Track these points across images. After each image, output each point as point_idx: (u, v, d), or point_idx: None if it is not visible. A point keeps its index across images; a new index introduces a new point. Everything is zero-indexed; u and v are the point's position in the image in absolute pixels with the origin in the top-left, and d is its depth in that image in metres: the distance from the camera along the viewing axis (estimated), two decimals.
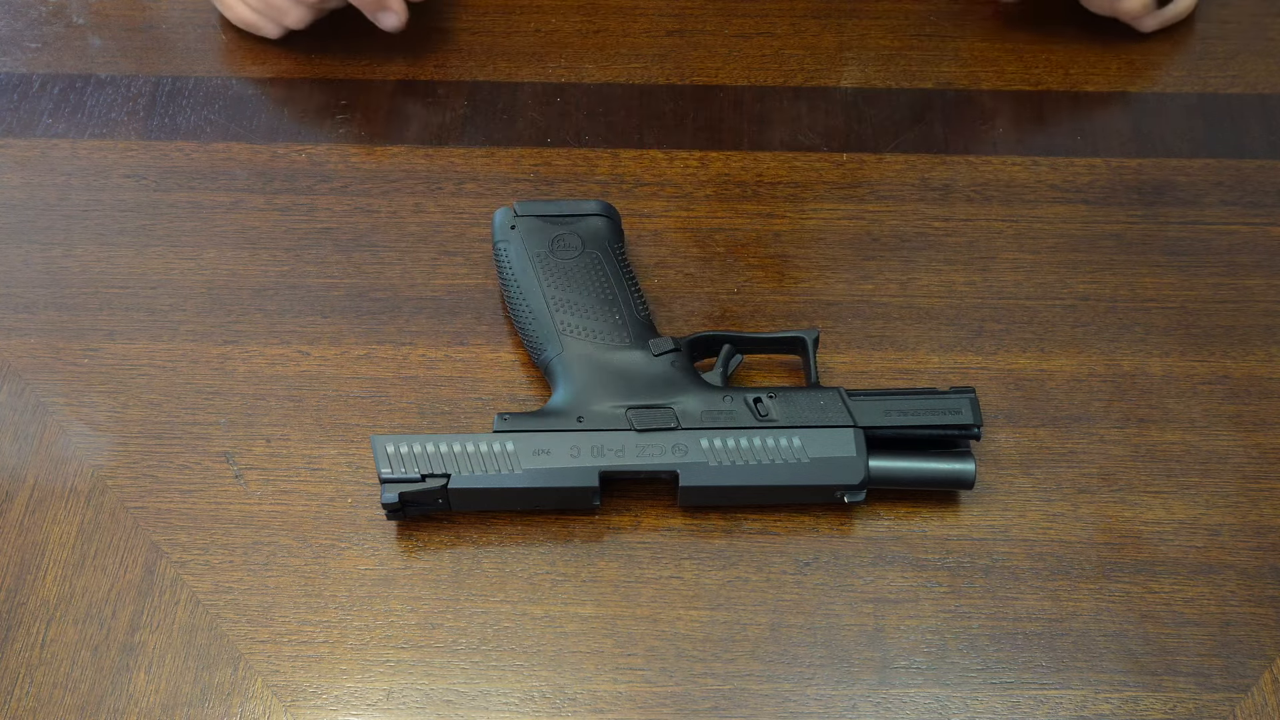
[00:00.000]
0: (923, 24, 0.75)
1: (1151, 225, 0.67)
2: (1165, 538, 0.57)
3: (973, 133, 0.70)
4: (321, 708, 0.53)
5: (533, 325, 0.59)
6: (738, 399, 0.57)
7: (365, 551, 0.57)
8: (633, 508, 0.58)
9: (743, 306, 0.64)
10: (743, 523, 0.57)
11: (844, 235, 0.66)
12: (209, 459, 0.59)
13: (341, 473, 0.59)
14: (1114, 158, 0.69)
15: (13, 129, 0.70)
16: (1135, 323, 0.63)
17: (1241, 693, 0.53)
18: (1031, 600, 0.56)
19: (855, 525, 0.57)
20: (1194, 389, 0.61)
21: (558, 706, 0.53)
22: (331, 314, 0.63)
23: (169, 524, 0.57)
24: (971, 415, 0.56)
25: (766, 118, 0.70)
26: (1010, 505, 0.58)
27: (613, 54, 0.73)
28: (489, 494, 0.55)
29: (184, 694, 0.53)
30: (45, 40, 0.74)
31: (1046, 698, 0.53)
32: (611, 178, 0.68)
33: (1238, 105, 0.71)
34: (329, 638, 0.55)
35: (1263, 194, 0.68)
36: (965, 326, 0.63)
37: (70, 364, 0.62)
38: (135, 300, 0.64)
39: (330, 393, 0.61)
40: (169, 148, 0.69)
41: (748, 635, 0.55)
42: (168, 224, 0.66)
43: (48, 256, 0.65)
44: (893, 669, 0.54)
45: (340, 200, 0.67)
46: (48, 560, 0.56)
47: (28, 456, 0.59)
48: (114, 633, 0.55)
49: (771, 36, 0.74)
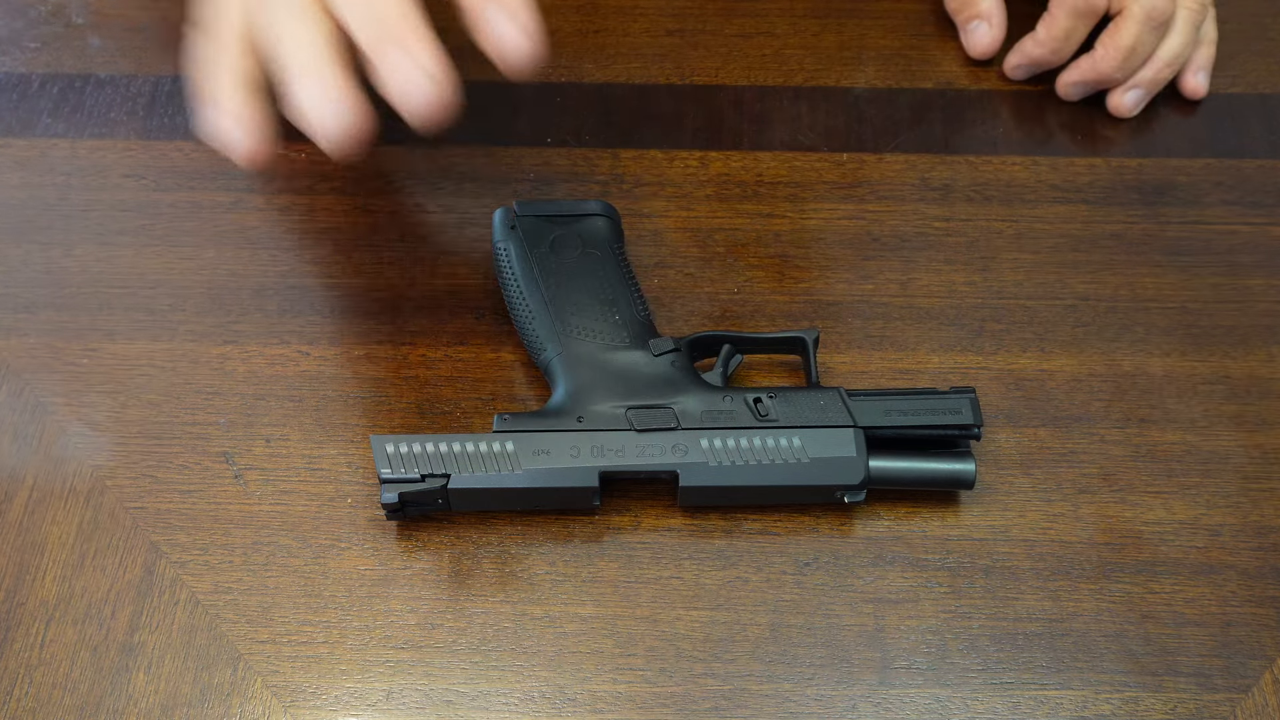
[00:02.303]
0: (923, 24, 0.75)
1: (1152, 225, 0.67)
2: (1166, 538, 0.57)
3: (973, 133, 0.70)
4: (321, 708, 0.53)
5: (533, 325, 0.59)
6: (738, 399, 0.57)
7: (365, 551, 0.57)
8: (633, 508, 0.58)
9: (743, 306, 0.63)
10: (743, 523, 0.57)
11: (844, 235, 0.66)
12: (208, 459, 0.59)
13: (341, 473, 0.59)
14: (1114, 158, 0.69)
15: (12, 129, 0.70)
16: (1135, 323, 0.63)
17: (1242, 693, 0.53)
18: (1032, 600, 0.56)
19: (855, 525, 0.57)
20: (1194, 389, 0.61)
21: (558, 707, 0.53)
22: (331, 314, 0.63)
23: (168, 524, 0.57)
24: (972, 415, 0.56)
25: (766, 118, 0.70)
26: (1010, 505, 0.58)
27: (613, 54, 0.73)
28: (489, 494, 0.55)
29: (183, 694, 0.53)
30: (45, 40, 0.74)
31: (1047, 698, 0.53)
32: (611, 178, 0.68)
33: (1238, 105, 0.71)
34: (329, 638, 0.55)
35: (1263, 194, 0.68)
36: (965, 326, 0.63)
37: (70, 364, 0.62)
38: (135, 300, 0.64)
39: (330, 393, 0.61)
40: (169, 147, 0.69)
41: (748, 635, 0.55)
42: (167, 224, 0.66)
43: (47, 256, 0.65)
44: (893, 669, 0.54)
45: (340, 200, 0.67)
46: (47, 560, 0.56)
47: (27, 456, 0.59)
48: (113, 633, 0.55)
49: (771, 36, 0.74)
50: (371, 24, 0.51)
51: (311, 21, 0.51)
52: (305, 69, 0.51)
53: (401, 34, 0.50)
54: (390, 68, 0.50)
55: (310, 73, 0.51)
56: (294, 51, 0.51)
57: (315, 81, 0.51)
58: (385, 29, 0.50)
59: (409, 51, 0.50)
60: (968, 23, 0.72)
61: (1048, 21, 0.69)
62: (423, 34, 0.50)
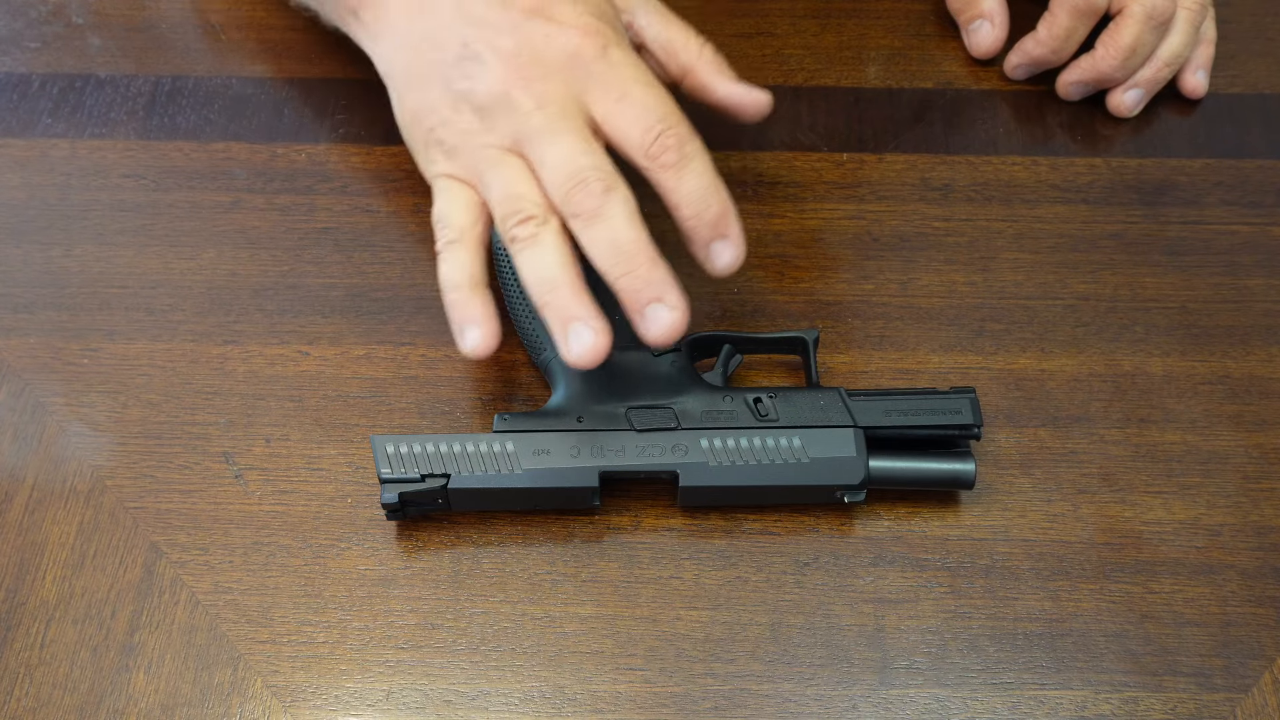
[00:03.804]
0: (923, 23, 0.75)
1: (1152, 225, 0.67)
2: (1166, 538, 0.57)
3: (973, 133, 0.70)
4: (321, 708, 0.53)
5: (533, 325, 0.59)
6: (738, 399, 0.57)
7: (365, 551, 0.57)
8: (633, 508, 0.58)
9: (743, 306, 0.63)
10: (743, 523, 0.57)
11: (844, 235, 0.66)
12: (208, 459, 0.59)
13: (341, 473, 0.59)
14: (1114, 158, 0.69)
15: (12, 129, 0.70)
16: (1135, 323, 0.63)
17: (1242, 693, 0.53)
18: (1032, 600, 0.56)
19: (855, 525, 0.57)
20: (1194, 389, 0.61)
21: (558, 707, 0.53)
22: (331, 314, 0.63)
23: (168, 524, 0.57)
24: (971, 415, 0.56)
25: (766, 117, 0.70)
26: (1010, 505, 0.58)
27: None
28: (489, 494, 0.55)
29: (183, 694, 0.53)
30: (45, 40, 0.74)
31: (1047, 698, 0.53)
32: None
33: (1238, 105, 0.71)
34: (329, 638, 0.55)
35: (1263, 194, 0.68)
36: (965, 326, 0.63)
37: (70, 364, 0.62)
38: (135, 300, 0.64)
39: (330, 393, 0.61)
40: (168, 147, 0.69)
41: (748, 635, 0.55)
42: (167, 224, 0.66)
43: (47, 256, 0.65)
44: (893, 669, 0.54)
45: (340, 200, 0.67)
46: (47, 560, 0.56)
47: (27, 457, 0.59)
48: (113, 633, 0.55)
49: (771, 36, 0.74)
50: (620, 258, 0.53)
51: (554, 243, 0.54)
52: (566, 315, 0.53)
53: (653, 283, 0.53)
54: (649, 322, 0.53)
55: (573, 320, 0.53)
56: (546, 292, 0.54)
57: (584, 329, 0.53)
58: (639, 275, 0.53)
59: (665, 302, 0.53)
60: (970, 22, 0.72)
61: (1049, 21, 0.69)
62: (669, 279, 0.54)
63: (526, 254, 0.54)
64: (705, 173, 0.55)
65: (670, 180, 0.55)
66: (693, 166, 0.55)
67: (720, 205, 0.55)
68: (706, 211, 0.55)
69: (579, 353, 0.52)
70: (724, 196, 0.55)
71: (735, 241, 0.56)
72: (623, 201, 0.54)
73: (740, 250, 0.56)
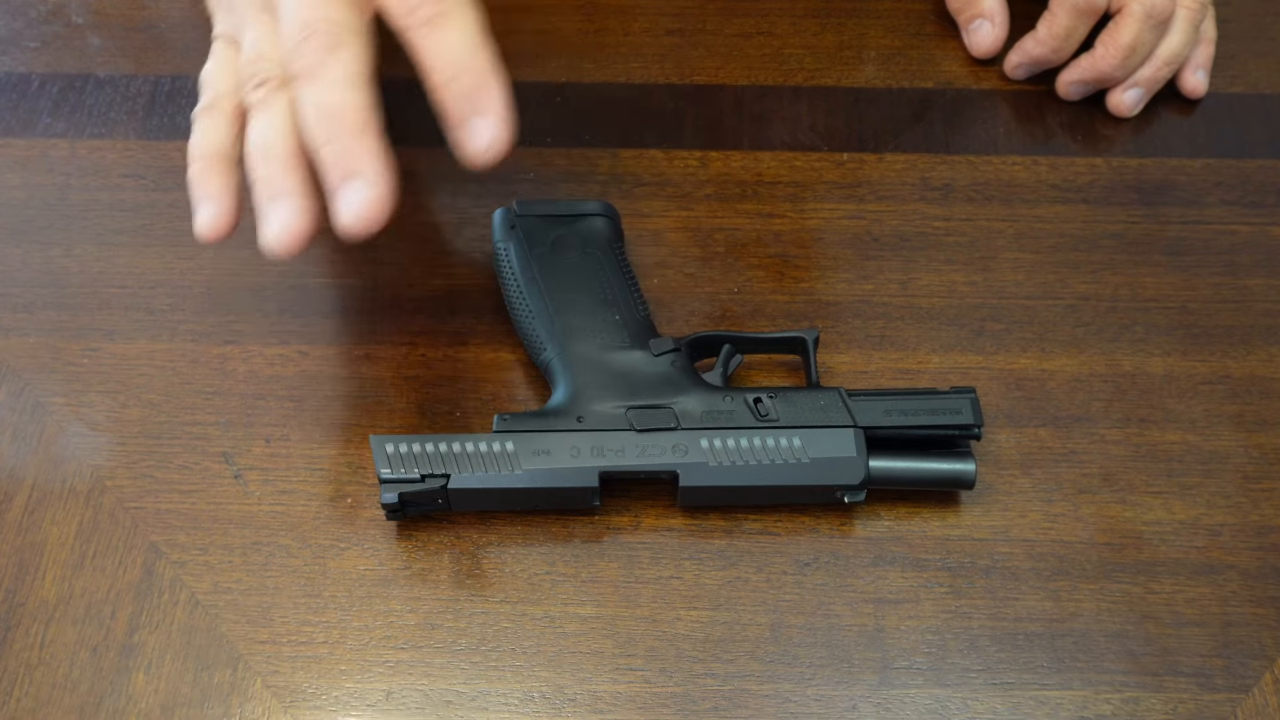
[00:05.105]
0: (923, 23, 0.75)
1: (1152, 225, 0.67)
2: (1166, 538, 0.57)
3: (973, 132, 0.70)
4: (321, 708, 0.53)
5: (533, 325, 0.59)
6: (738, 399, 0.57)
7: (365, 552, 0.57)
8: (633, 508, 0.58)
9: (743, 306, 0.63)
10: (743, 523, 0.57)
11: (844, 235, 0.66)
12: (208, 459, 0.59)
13: (341, 473, 0.58)
14: (1114, 158, 0.69)
15: (12, 129, 0.70)
16: (1135, 323, 0.63)
17: (1243, 693, 0.53)
18: (1032, 600, 0.55)
19: (855, 525, 0.57)
20: (1194, 389, 0.61)
21: (557, 707, 0.53)
22: (331, 314, 0.63)
23: (168, 524, 0.57)
24: (972, 415, 0.56)
25: (766, 117, 0.70)
26: (1010, 505, 0.58)
27: (612, 54, 0.73)
28: (489, 494, 0.55)
29: (183, 694, 0.53)
30: (44, 40, 0.73)
31: (1047, 698, 0.53)
32: (611, 178, 0.68)
33: (1238, 105, 0.71)
34: (329, 638, 0.55)
35: (1263, 194, 0.68)
36: (965, 326, 0.63)
37: (69, 364, 0.62)
38: (134, 300, 0.64)
39: (330, 393, 0.61)
40: (168, 148, 0.69)
41: (748, 635, 0.55)
42: (167, 224, 0.66)
43: (47, 256, 0.65)
44: (893, 669, 0.54)
45: None
46: (46, 560, 0.56)
47: (27, 457, 0.59)
48: (113, 633, 0.55)
49: (771, 36, 0.74)
50: (324, 124, 0.46)
51: (278, 108, 0.48)
52: (272, 190, 0.47)
53: (353, 154, 0.47)
54: (340, 202, 0.47)
55: (278, 196, 0.47)
56: (260, 159, 0.48)
57: (285, 207, 0.47)
58: (340, 145, 0.47)
59: (363, 176, 0.47)
60: (970, 22, 0.72)
61: (1049, 20, 0.69)
62: (375, 150, 0.47)
63: (254, 121, 0.47)
64: (466, 31, 0.46)
65: (421, 38, 0.46)
66: (451, 22, 0.46)
67: (479, 71, 0.46)
68: (462, 76, 0.46)
69: (275, 232, 0.45)
70: (485, 61, 0.46)
71: (497, 119, 0.47)
72: (347, 61, 0.46)
73: (503, 131, 0.47)
